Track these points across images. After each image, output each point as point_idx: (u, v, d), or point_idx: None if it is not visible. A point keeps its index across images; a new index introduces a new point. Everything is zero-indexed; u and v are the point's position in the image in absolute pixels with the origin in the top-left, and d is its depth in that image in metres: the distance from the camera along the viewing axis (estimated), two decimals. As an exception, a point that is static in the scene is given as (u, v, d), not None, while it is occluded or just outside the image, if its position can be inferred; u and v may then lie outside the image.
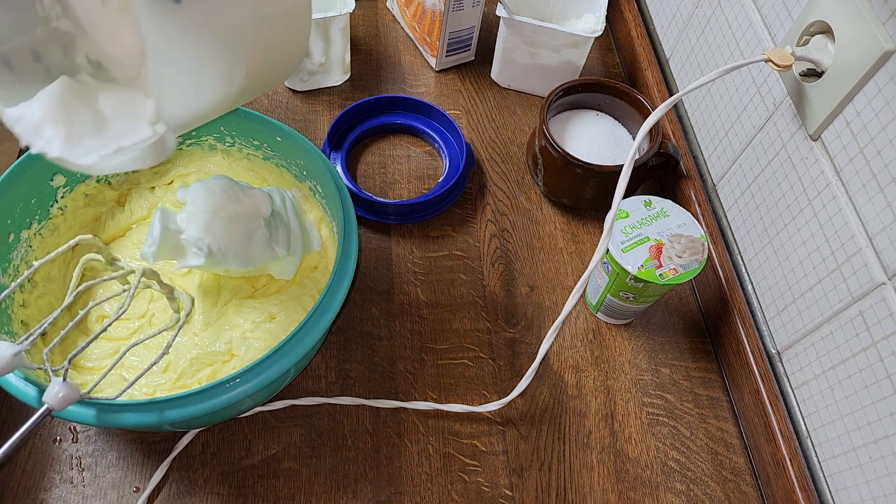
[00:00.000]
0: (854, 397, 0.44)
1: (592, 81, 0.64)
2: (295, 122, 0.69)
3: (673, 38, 0.71)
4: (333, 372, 0.55)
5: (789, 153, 0.51)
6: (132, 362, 0.50)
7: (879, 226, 0.42)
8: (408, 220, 0.63)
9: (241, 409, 0.49)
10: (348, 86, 0.73)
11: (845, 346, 0.45)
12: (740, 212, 0.58)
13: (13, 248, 0.50)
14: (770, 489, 0.51)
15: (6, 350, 0.37)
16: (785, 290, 0.52)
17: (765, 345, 0.55)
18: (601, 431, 0.54)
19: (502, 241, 0.64)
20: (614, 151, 0.64)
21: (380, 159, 0.68)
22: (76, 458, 0.49)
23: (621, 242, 0.52)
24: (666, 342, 0.59)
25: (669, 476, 0.53)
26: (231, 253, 0.49)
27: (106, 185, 0.56)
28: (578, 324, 0.60)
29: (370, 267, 0.61)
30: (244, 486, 0.49)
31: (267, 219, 0.51)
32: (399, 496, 0.50)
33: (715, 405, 0.56)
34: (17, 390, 0.41)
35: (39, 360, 0.47)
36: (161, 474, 0.49)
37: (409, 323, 0.58)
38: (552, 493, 0.51)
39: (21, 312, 0.49)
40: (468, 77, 0.76)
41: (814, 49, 0.47)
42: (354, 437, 0.52)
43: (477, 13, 0.71)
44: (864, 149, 0.43)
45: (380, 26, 0.79)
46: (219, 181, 0.51)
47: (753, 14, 0.56)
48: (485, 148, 0.70)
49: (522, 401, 0.55)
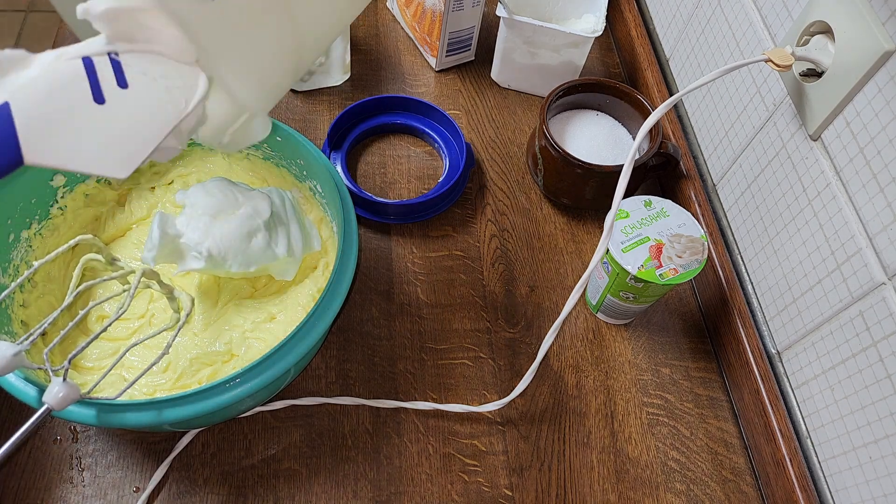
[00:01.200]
0: (854, 397, 0.44)
1: (592, 81, 0.64)
2: (295, 122, 0.69)
3: (673, 38, 0.71)
4: (333, 372, 0.55)
5: (789, 153, 0.51)
6: (132, 362, 0.50)
7: (879, 226, 0.42)
8: (408, 220, 0.63)
9: (241, 409, 0.49)
10: (348, 86, 0.73)
11: (845, 346, 0.45)
12: (740, 212, 0.58)
13: (13, 248, 0.50)
14: (770, 489, 0.51)
15: (6, 350, 0.37)
16: (785, 290, 0.52)
17: (765, 345, 0.55)
18: (601, 431, 0.54)
19: (502, 241, 0.64)
20: (614, 151, 0.64)
21: (380, 159, 0.68)
22: (76, 458, 0.49)
23: (621, 242, 0.52)
24: (666, 342, 0.59)
25: (669, 476, 0.53)
26: (231, 255, 0.49)
27: (106, 185, 0.56)
28: (578, 324, 0.60)
29: (370, 267, 0.61)
30: (244, 486, 0.49)
31: (266, 221, 0.51)
32: (399, 496, 0.50)
33: (715, 405, 0.56)
34: (17, 390, 0.41)
35: (39, 360, 0.47)
36: (161, 474, 0.49)
37: (409, 323, 0.58)
38: (552, 493, 0.51)
39: (21, 312, 0.49)
40: (468, 77, 0.76)
41: (814, 49, 0.47)
42: (354, 437, 0.52)
43: (477, 13, 0.71)
44: (864, 149, 0.43)
45: (380, 26, 0.79)
46: (217, 183, 0.51)
47: (753, 14, 0.56)
48: (485, 148, 0.70)
49: (522, 401, 0.55)
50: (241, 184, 0.53)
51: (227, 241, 0.49)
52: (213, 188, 0.50)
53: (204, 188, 0.50)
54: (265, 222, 0.51)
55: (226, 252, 0.49)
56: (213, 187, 0.50)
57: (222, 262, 0.49)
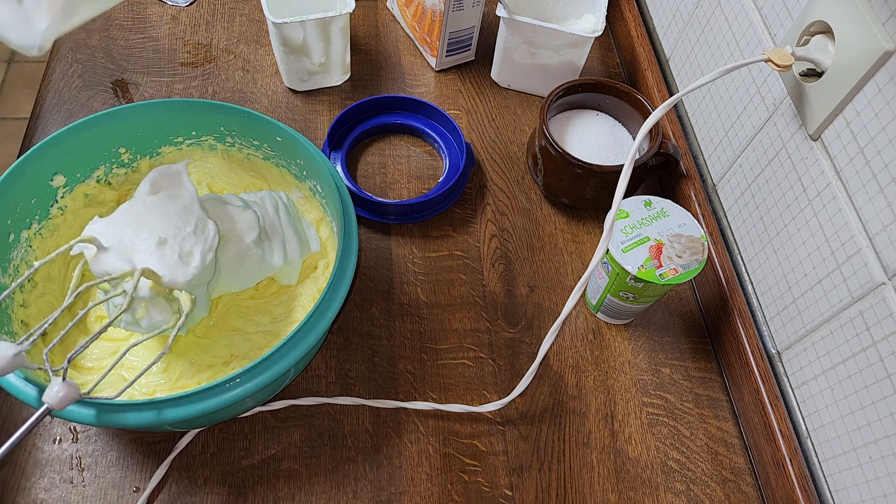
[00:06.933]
0: (854, 397, 0.44)
1: (592, 81, 0.64)
2: (295, 122, 0.69)
3: (673, 38, 0.71)
4: (333, 372, 0.55)
5: (789, 153, 0.51)
6: (132, 362, 0.50)
7: (879, 226, 0.42)
8: (408, 220, 0.63)
9: (241, 409, 0.49)
10: (348, 86, 0.73)
11: (845, 346, 0.45)
12: (740, 212, 0.58)
13: (13, 248, 0.50)
14: (770, 489, 0.51)
15: (6, 350, 0.37)
16: (785, 290, 0.52)
17: (765, 345, 0.55)
18: (601, 431, 0.54)
19: (502, 241, 0.64)
20: (614, 151, 0.64)
21: (380, 159, 0.68)
22: (76, 458, 0.49)
23: (621, 242, 0.52)
24: (666, 342, 0.59)
25: (669, 476, 0.53)
26: (225, 278, 0.50)
27: (106, 185, 0.56)
28: (578, 324, 0.60)
29: (370, 267, 0.61)
30: (244, 486, 0.49)
31: (255, 238, 0.51)
32: (399, 496, 0.50)
33: (715, 405, 0.56)
34: (17, 390, 0.41)
35: (39, 360, 0.47)
36: (161, 474, 0.49)
37: (409, 323, 0.58)
38: (552, 493, 0.51)
39: (21, 312, 0.49)
40: (468, 77, 0.76)
41: (814, 49, 0.47)
42: (354, 437, 0.52)
43: (477, 13, 0.71)
44: (864, 149, 0.43)
45: (380, 26, 0.79)
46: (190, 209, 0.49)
47: (753, 14, 0.56)
48: (485, 148, 0.70)
49: (522, 401, 0.55)
50: (228, 195, 0.53)
51: (219, 264, 0.49)
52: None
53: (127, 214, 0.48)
54: (254, 240, 0.51)
55: (220, 275, 0.49)
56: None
57: (220, 288, 0.50)
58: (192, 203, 0.49)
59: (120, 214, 0.47)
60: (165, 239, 0.46)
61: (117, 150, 0.55)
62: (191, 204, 0.49)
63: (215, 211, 0.51)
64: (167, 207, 0.48)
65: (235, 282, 0.52)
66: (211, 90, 0.70)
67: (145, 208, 0.48)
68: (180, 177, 0.51)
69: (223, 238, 0.50)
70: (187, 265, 0.46)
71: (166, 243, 0.46)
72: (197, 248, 0.46)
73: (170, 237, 0.46)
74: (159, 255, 0.45)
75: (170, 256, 0.45)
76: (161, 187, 0.50)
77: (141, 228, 0.46)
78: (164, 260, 0.45)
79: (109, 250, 0.45)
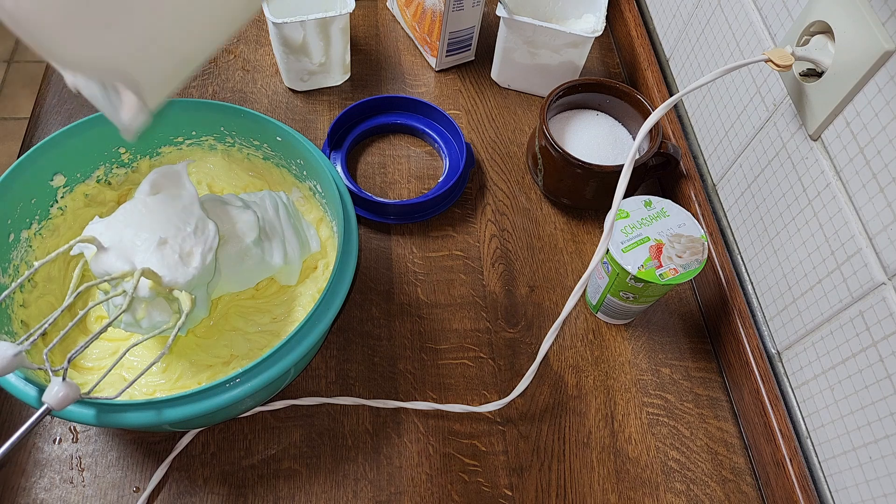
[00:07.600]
0: (854, 397, 0.44)
1: (592, 81, 0.64)
2: (295, 122, 0.69)
3: (673, 38, 0.71)
4: (333, 372, 0.55)
5: (789, 153, 0.51)
6: (132, 362, 0.50)
7: (879, 226, 0.42)
8: (408, 220, 0.63)
9: (241, 409, 0.49)
10: (348, 86, 0.73)
11: (845, 346, 0.45)
12: (740, 212, 0.58)
13: (13, 248, 0.50)
14: (770, 489, 0.51)
15: (6, 350, 0.37)
16: (785, 290, 0.52)
17: (765, 345, 0.55)
18: (601, 431, 0.54)
19: (502, 241, 0.64)
20: (614, 151, 0.64)
21: (380, 159, 0.68)
22: (76, 458, 0.49)
23: (621, 242, 0.52)
24: (666, 342, 0.59)
25: (669, 476, 0.53)
26: (225, 278, 0.50)
27: (106, 185, 0.56)
28: (578, 324, 0.60)
29: (370, 267, 0.61)
30: (244, 486, 0.49)
31: (255, 239, 0.51)
32: (399, 496, 0.50)
33: (715, 405, 0.56)
34: (17, 390, 0.41)
35: (39, 360, 0.47)
36: (161, 474, 0.49)
37: (409, 323, 0.58)
38: (552, 493, 0.51)
39: (21, 312, 0.49)
40: (468, 77, 0.76)
41: (814, 49, 0.47)
42: (354, 437, 0.52)
43: (477, 13, 0.71)
44: (864, 149, 0.43)
45: (380, 26, 0.79)
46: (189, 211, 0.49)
47: (753, 14, 0.56)
48: (485, 148, 0.70)
49: (522, 401, 0.55)
50: (227, 196, 0.53)
51: (220, 265, 0.49)
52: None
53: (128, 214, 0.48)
54: (254, 241, 0.51)
55: (220, 276, 0.49)
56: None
57: (219, 288, 0.50)
58: (192, 203, 0.49)
59: (120, 214, 0.47)
60: (165, 239, 0.46)
61: (117, 150, 0.55)
62: (191, 204, 0.49)
63: (215, 211, 0.51)
64: (167, 208, 0.48)
65: (235, 282, 0.52)
66: (211, 90, 0.70)
67: (145, 208, 0.48)
68: (180, 177, 0.51)
69: (223, 238, 0.50)
70: (187, 265, 0.46)
71: (166, 243, 0.46)
72: (197, 249, 0.46)
73: (170, 237, 0.46)
74: (159, 255, 0.45)
75: (170, 257, 0.45)
76: (161, 187, 0.50)
77: (141, 229, 0.46)
78: (164, 260, 0.45)
79: (109, 250, 0.45)
